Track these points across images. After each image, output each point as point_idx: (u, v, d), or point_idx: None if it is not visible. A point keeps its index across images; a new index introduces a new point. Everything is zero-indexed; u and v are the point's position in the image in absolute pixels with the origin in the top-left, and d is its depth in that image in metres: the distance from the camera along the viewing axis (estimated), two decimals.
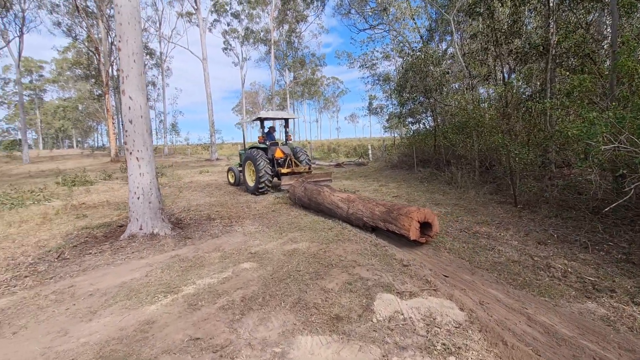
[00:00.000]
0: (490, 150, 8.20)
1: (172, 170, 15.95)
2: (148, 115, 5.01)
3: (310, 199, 6.32)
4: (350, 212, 5.14)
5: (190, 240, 4.69)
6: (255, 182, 8.32)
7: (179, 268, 3.64)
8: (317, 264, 3.58)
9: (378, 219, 4.57)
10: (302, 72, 35.98)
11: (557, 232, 4.45)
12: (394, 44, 17.10)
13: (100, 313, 2.73)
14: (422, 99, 10.24)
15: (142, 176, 4.87)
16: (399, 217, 4.16)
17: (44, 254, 4.28)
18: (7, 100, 53.30)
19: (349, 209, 5.18)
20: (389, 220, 4.34)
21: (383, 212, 4.52)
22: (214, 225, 5.57)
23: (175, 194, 8.97)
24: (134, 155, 4.82)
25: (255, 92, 65.31)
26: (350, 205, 5.20)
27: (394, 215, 4.28)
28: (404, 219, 4.07)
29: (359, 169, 14.58)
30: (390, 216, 4.34)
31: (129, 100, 4.75)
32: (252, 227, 5.35)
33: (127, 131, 4.80)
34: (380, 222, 4.51)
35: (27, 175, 15.96)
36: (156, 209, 4.98)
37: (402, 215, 4.12)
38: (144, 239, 4.69)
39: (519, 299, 2.76)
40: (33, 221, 6.33)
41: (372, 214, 4.70)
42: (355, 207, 5.07)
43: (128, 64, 4.74)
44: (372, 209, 4.75)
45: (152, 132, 41.65)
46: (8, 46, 23.74)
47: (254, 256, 3.92)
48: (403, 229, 4.05)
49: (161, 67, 34.81)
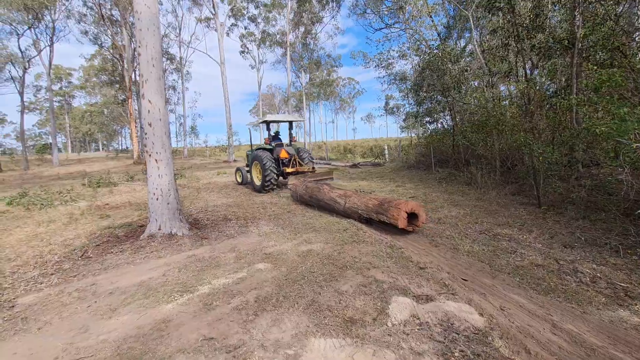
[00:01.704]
0: (512, 150, 7.91)
1: (191, 172, 16.34)
2: (167, 119, 5.14)
3: (311, 196, 6.80)
4: (347, 206, 5.60)
5: (206, 241, 4.77)
6: (262, 181, 8.78)
7: (195, 268, 3.70)
8: (331, 265, 3.54)
9: (371, 211, 5.03)
10: (317, 73, 36.07)
11: (584, 234, 4.22)
12: (410, 43, 16.85)
13: (119, 311, 2.80)
14: (440, 98, 10.00)
15: (161, 177, 5.00)
16: (389, 209, 4.66)
17: (69, 253, 4.46)
18: (40, 106, 56.24)
19: (346, 204, 5.64)
20: (381, 212, 4.83)
21: (375, 204, 4.98)
22: (230, 225, 5.64)
23: (194, 195, 9.17)
24: (153, 157, 4.96)
25: (272, 95, 66.04)
26: (346, 200, 5.66)
27: (384, 207, 4.77)
28: (393, 211, 4.58)
29: (376, 170, 14.42)
30: (382, 208, 4.82)
31: (148, 104, 4.89)
32: (267, 228, 5.38)
33: (146, 134, 4.95)
34: (374, 214, 4.98)
35: (56, 178, 16.81)
36: (174, 210, 5.10)
37: (392, 207, 4.63)
38: (163, 238, 4.81)
39: (543, 305, 2.63)
40: (60, 221, 6.62)
41: (366, 207, 5.16)
42: (351, 202, 5.54)
43: (147, 68, 4.89)
44: (366, 202, 5.21)
45: (172, 135, 42.34)
46: (40, 55, 25.10)
47: (269, 257, 3.93)
48: (392, 219, 4.57)
49: (181, 71, 35.79)
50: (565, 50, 6.41)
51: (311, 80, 36.65)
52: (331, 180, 9.31)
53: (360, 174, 13.16)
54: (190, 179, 13.27)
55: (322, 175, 8.88)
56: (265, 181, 8.65)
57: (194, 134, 39.93)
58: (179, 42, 34.39)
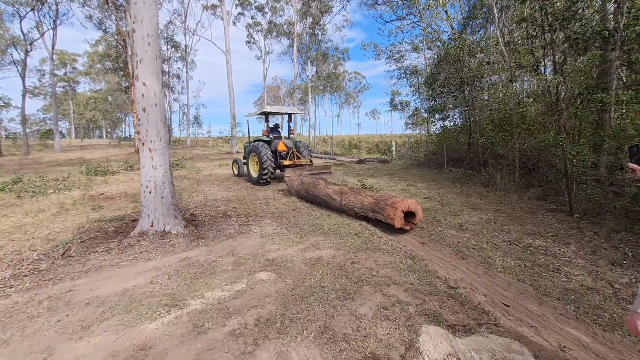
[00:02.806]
0: (535, 150, 7.33)
1: (192, 163, 15.88)
2: (163, 104, 4.63)
3: (307, 192, 6.56)
4: (343, 203, 5.40)
5: (203, 241, 4.29)
6: (259, 173, 8.65)
7: (187, 274, 3.23)
8: (344, 278, 3.06)
9: (367, 209, 4.83)
10: (324, 66, 35.30)
11: (632, 250, 3.70)
12: (424, 35, 16.13)
13: (93, 329, 2.34)
14: (456, 93, 9.38)
15: (155, 169, 4.51)
16: (385, 208, 4.48)
17: (50, 250, 4.01)
18: (44, 91, 55.75)
19: (342, 200, 5.43)
20: (377, 211, 4.63)
21: (371, 202, 4.79)
22: (230, 223, 5.16)
23: (193, 187, 8.70)
24: (147, 146, 4.47)
25: (277, 87, 65.18)
26: (343, 197, 5.45)
27: (380, 205, 4.58)
28: (389, 210, 4.40)
29: (383, 167, 13.88)
30: (378, 207, 4.62)
31: (143, 87, 4.38)
32: (270, 228, 4.90)
33: (139, 120, 4.45)
34: (370, 212, 4.78)
35: (55, 164, 16.41)
36: (169, 205, 4.62)
37: (388, 206, 4.45)
38: (155, 237, 4.34)
39: (613, 345, 2.12)
40: (50, 211, 6.19)
41: (362, 204, 4.97)
42: (347, 199, 5.33)
43: (142, 47, 4.36)
44: (362, 200, 5.02)
45: (175, 124, 41.77)
46: (42, 38, 24.57)
47: (272, 264, 3.46)
48: (388, 218, 4.39)
49: (185, 60, 35.13)
50: (604, 42, 5.80)
51: (317, 73, 35.89)
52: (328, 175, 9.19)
53: (368, 170, 12.63)
54: (191, 170, 12.81)
55: (320, 169, 8.70)
56: (262, 174, 8.53)
57: (197, 123, 39.31)
58: (185, 30, 33.71)
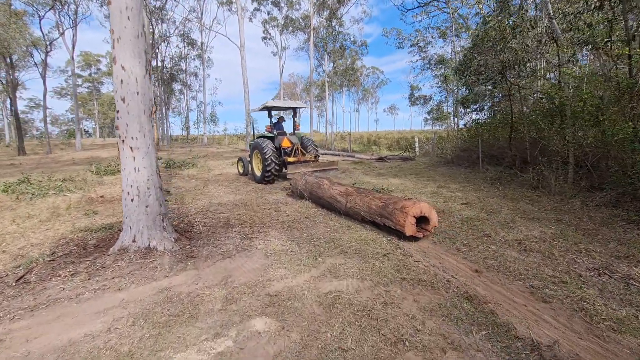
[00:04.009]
0: (601, 145, 6.05)
1: (204, 161, 15.31)
2: (148, 92, 3.81)
3: (311, 193, 6.04)
4: (349, 206, 4.90)
5: (193, 262, 3.45)
6: (262, 171, 8.20)
7: (160, 318, 2.38)
8: (375, 334, 2.11)
9: (375, 213, 4.35)
10: (341, 61, 34.19)
11: None
12: (452, 21, 14.73)
13: None
14: (496, 80, 8.11)
15: (138, 171, 3.71)
16: (394, 212, 4.00)
17: (10, 270, 3.29)
18: (70, 92, 57.64)
19: (347, 203, 4.93)
20: (385, 215, 4.15)
21: (379, 206, 4.29)
22: (231, 236, 4.31)
23: (199, 189, 7.97)
24: (127, 143, 3.66)
25: (294, 83, 64.47)
26: (348, 199, 4.95)
27: (389, 210, 4.10)
28: (398, 215, 3.93)
29: (407, 165, 12.72)
30: (386, 211, 4.14)
31: (121, 71, 3.57)
32: (278, 242, 4.01)
33: (118, 112, 3.65)
34: (377, 217, 4.30)
35: (71, 163, 16.29)
36: (155, 215, 3.82)
37: (397, 210, 3.97)
38: (136, 255, 3.55)
39: None
40: (39, 217, 5.60)
41: (369, 208, 4.47)
42: (353, 201, 4.83)
43: (120, 22, 3.55)
44: (369, 203, 4.51)
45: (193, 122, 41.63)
46: (63, 38, 24.83)
47: (274, 302, 2.55)
48: (398, 225, 3.91)
49: (202, 57, 34.92)
50: None
51: (335, 68, 34.77)
52: (335, 172, 8.65)
53: (390, 169, 11.54)
54: (202, 169, 12.17)
55: (325, 165, 8.23)
56: (265, 172, 8.08)
57: (213, 121, 39.20)
58: (201, 27, 33.45)
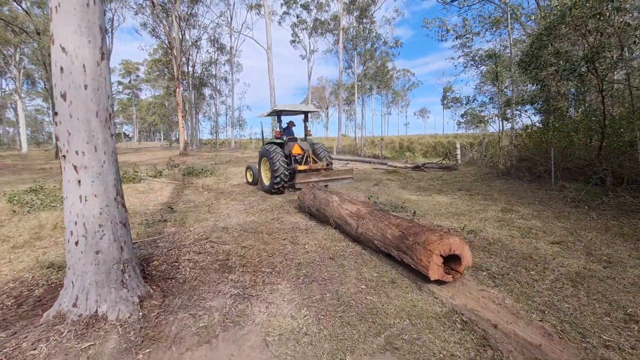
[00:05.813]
0: None
1: (225, 167, 14.44)
2: (104, 86, 2.63)
3: (318, 210, 5.29)
4: (360, 231, 4.11)
5: (153, 347, 2.19)
6: (271, 180, 7.62)
7: None
8: None
9: (390, 244, 3.46)
10: (371, 64, 32.69)
11: None
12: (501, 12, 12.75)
13: None
14: (581, 72, 6.23)
15: (85, 202, 2.52)
16: (415, 247, 3.05)
17: None
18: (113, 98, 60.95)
19: (358, 227, 4.16)
20: (403, 250, 3.21)
21: (396, 236, 3.39)
22: (223, 291, 3.02)
23: (209, 204, 6.86)
24: (69, 160, 2.49)
25: (322, 87, 63.63)
26: (359, 223, 4.16)
27: (409, 242, 3.16)
28: (420, 251, 2.97)
29: (450, 176, 10.92)
30: (405, 244, 3.21)
31: (60, 54, 2.42)
32: (288, 308, 2.66)
33: (57, 114, 2.50)
34: (394, 250, 3.40)
35: None
36: (110, 265, 2.61)
37: (419, 245, 3.02)
38: (74, 328, 2.35)
39: None
40: (17, 239, 4.75)
41: (384, 237, 3.60)
42: (365, 226, 4.04)
43: None
44: (383, 230, 3.64)
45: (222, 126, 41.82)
46: None
47: None
48: (420, 264, 2.96)
49: (231, 61, 34.89)
50: None
51: (365, 70, 33.31)
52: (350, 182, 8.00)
53: (431, 181, 9.83)
54: (219, 178, 11.20)
55: (339, 174, 7.58)
56: (274, 181, 7.50)
57: (240, 125, 39.12)
58: (230, 31, 33.44)
